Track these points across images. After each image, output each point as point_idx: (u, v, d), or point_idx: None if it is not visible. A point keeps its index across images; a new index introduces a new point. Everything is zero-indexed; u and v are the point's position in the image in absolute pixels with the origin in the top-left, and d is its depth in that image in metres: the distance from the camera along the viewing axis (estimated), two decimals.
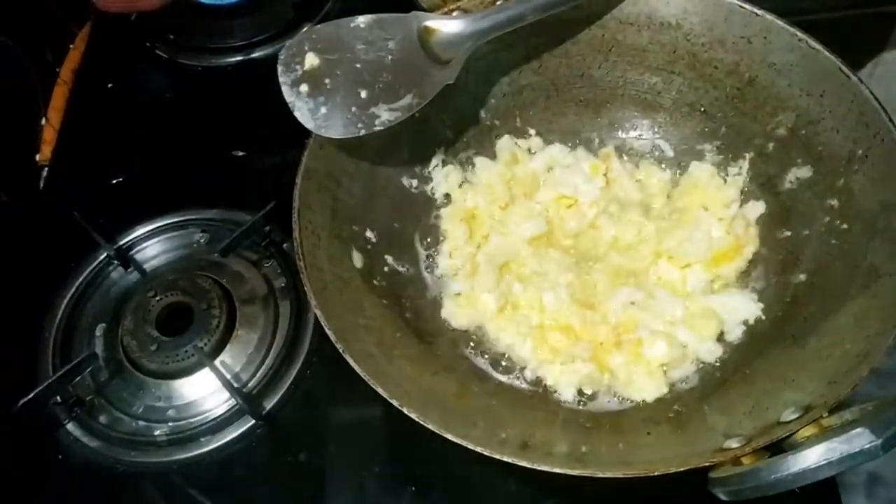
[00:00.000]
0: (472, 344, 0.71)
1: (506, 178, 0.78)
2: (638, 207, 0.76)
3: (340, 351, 0.55)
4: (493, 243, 0.75)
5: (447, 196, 0.78)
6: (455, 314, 0.72)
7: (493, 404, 0.64)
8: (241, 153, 0.94)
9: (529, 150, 0.80)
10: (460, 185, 0.78)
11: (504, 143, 0.80)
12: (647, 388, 0.66)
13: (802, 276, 0.67)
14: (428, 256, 0.76)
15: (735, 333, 0.69)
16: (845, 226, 0.64)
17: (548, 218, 0.76)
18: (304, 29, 0.68)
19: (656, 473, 0.51)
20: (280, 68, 0.63)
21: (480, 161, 0.79)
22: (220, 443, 0.72)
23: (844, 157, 0.65)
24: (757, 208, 0.73)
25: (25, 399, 0.72)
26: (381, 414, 0.72)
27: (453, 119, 0.77)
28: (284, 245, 0.83)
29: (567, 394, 0.67)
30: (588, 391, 0.68)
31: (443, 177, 0.78)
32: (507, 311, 0.72)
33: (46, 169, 0.96)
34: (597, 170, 0.77)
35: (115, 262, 0.83)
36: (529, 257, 0.74)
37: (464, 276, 0.74)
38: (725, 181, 0.75)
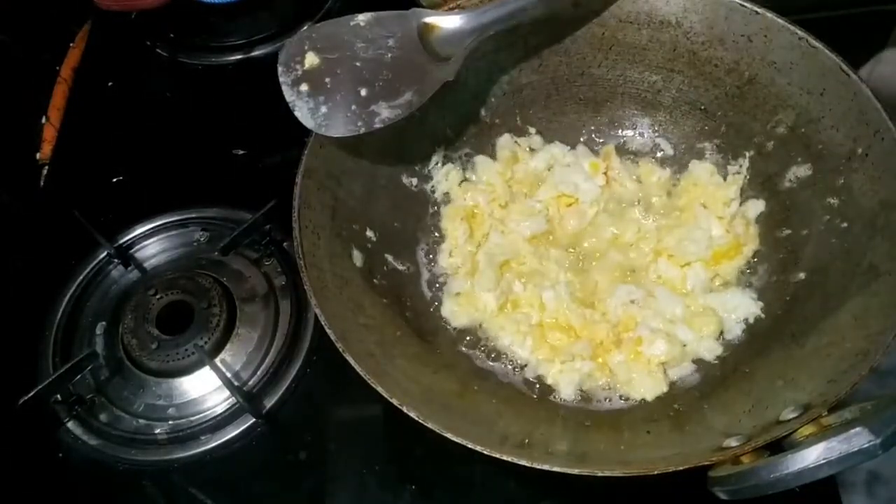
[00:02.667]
0: (472, 342, 0.71)
1: (506, 176, 0.78)
2: (638, 206, 0.76)
3: (340, 350, 0.55)
4: (493, 242, 0.75)
5: (447, 195, 0.78)
6: (455, 313, 0.72)
7: (493, 403, 0.64)
8: (241, 152, 0.94)
9: (530, 148, 0.80)
10: (460, 184, 0.78)
11: (504, 142, 0.80)
12: (646, 387, 0.66)
13: (802, 275, 0.67)
14: (428, 255, 0.76)
15: (735, 332, 0.69)
16: (845, 224, 0.64)
17: (548, 216, 0.76)
18: (304, 28, 0.68)
19: (656, 472, 0.51)
20: (280, 68, 0.63)
21: (480, 159, 0.79)
22: (220, 441, 0.72)
23: (844, 155, 0.64)
24: (757, 207, 0.73)
25: (26, 397, 0.72)
26: (381, 413, 0.72)
27: (453, 117, 0.77)
28: (285, 244, 0.83)
29: (567, 392, 0.67)
30: (588, 390, 0.68)
31: (443, 175, 0.78)
32: (507, 310, 0.72)
33: (47, 167, 0.96)
34: (597, 168, 0.77)
35: (116, 260, 0.83)
36: (529, 256, 0.74)
37: (464, 275, 0.74)
38: (725, 179, 0.75)
